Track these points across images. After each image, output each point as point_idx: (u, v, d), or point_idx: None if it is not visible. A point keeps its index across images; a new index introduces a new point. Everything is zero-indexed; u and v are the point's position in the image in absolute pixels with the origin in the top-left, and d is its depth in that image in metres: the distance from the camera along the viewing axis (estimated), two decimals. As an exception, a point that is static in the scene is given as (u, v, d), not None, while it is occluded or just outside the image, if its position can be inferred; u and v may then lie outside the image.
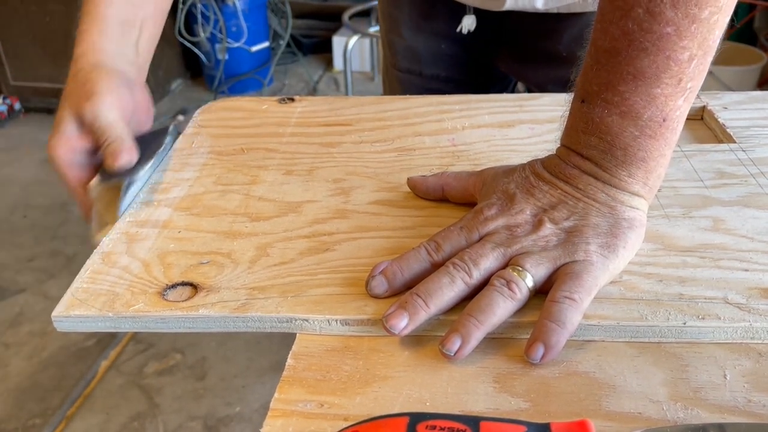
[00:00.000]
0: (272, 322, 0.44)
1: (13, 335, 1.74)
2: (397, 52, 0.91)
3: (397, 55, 0.92)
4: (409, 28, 0.88)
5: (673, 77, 0.42)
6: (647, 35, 0.41)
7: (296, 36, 3.15)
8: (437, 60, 0.89)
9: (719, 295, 0.43)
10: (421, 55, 0.89)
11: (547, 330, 0.40)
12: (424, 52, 0.89)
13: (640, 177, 0.45)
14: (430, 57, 0.89)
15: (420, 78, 0.91)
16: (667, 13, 0.40)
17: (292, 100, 0.72)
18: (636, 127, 0.43)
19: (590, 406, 0.37)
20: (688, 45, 0.41)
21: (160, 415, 1.51)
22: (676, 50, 0.41)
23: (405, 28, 0.89)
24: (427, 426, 0.33)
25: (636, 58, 0.42)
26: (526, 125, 0.65)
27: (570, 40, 0.79)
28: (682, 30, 0.41)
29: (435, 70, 0.90)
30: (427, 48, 0.88)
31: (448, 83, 0.90)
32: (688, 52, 0.41)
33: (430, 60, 0.89)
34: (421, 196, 0.55)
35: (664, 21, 0.40)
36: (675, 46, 0.41)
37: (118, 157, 0.56)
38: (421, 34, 0.88)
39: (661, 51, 0.41)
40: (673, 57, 0.41)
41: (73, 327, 0.45)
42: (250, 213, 0.54)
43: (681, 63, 0.42)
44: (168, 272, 0.47)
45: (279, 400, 0.39)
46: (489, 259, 0.43)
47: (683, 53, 0.41)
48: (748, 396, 0.38)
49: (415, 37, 0.88)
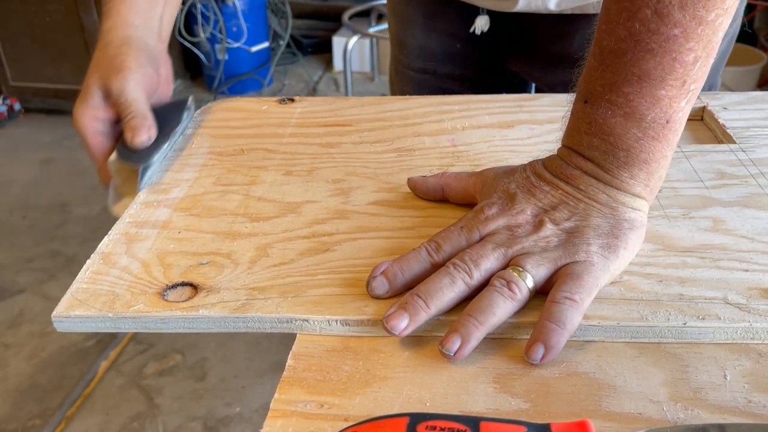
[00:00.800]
0: (272, 322, 0.44)
1: (13, 336, 1.74)
2: (410, 52, 0.90)
3: (410, 55, 0.91)
4: (422, 27, 0.88)
5: (677, 79, 0.42)
6: (654, 36, 0.41)
7: (296, 36, 3.15)
8: (451, 59, 0.88)
9: (719, 296, 0.43)
10: (435, 54, 0.88)
11: (547, 330, 0.40)
12: (438, 50, 0.88)
13: (642, 179, 0.45)
14: (445, 56, 0.88)
15: (434, 77, 0.90)
16: (675, 14, 0.40)
17: (292, 100, 0.72)
18: (639, 129, 0.43)
19: (590, 407, 0.37)
20: (694, 47, 0.41)
21: (160, 415, 1.51)
22: (682, 52, 0.41)
23: (418, 27, 0.88)
24: (427, 426, 0.33)
25: (642, 59, 0.42)
26: (526, 126, 0.65)
27: (582, 41, 0.79)
28: (689, 32, 0.41)
29: (449, 69, 0.89)
30: (440, 47, 0.88)
31: (462, 82, 0.89)
32: (694, 54, 0.41)
33: (445, 59, 0.88)
34: (421, 197, 0.55)
35: (672, 23, 0.40)
36: (681, 48, 0.41)
37: (138, 134, 0.59)
38: (434, 34, 0.87)
39: (667, 53, 0.41)
40: (679, 59, 0.41)
41: (73, 327, 0.45)
42: (249, 213, 0.54)
43: (686, 65, 0.42)
44: (168, 273, 0.47)
45: (279, 400, 0.39)
46: (489, 260, 0.43)
47: (689, 55, 0.41)
48: (749, 396, 0.38)
49: (428, 37, 0.88)
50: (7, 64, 2.82)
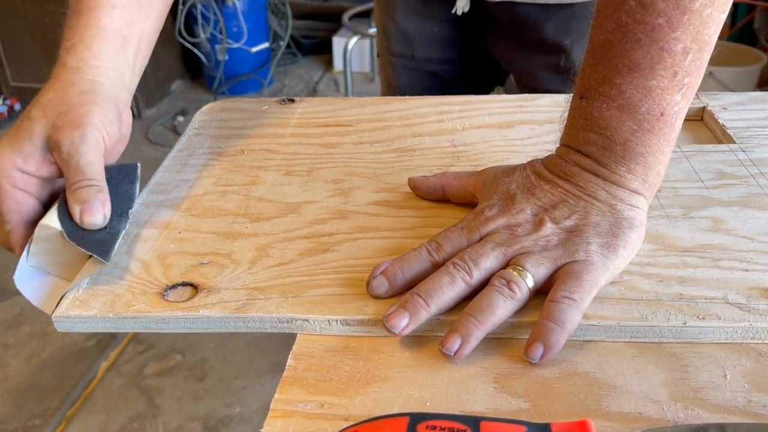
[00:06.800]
0: (272, 322, 0.44)
1: (13, 336, 1.74)
2: (390, 36, 0.93)
3: (390, 39, 0.93)
4: (402, 11, 0.90)
5: (667, 69, 0.43)
6: (640, 26, 0.42)
7: (296, 37, 3.15)
8: (430, 43, 0.91)
9: (719, 295, 0.43)
10: (413, 39, 0.91)
11: (546, 330, 0.40)
12: (416, 35, 0.91)
13: (640, 173, 0.45)
14: (423, 40, 0.91)
15: (412, 61, 0.93)
16: (659, 4, 0.42)
17: (292, 101, 0.72)
18: (634, 121, 0.44)
19: (590, 406, 0.37)
20: (680, 36, 0.42)
21: (160, 416, 1.50)
22: (669, 41, 0.42)
23: (398, 11, 0.91)
24: (428, 426, 0.33)
25: (630, 50, 0.43)
26: (526, 126, 0.65)
27: (556, 28, 0.82)
28: (674, 21, 0.42)
29: (427, 53, 0.92)
30: (419, 31, 0.90)
31: (441, 65, 0.92)
32: (682, 44, 0.42)
33: (423, 43, 0.91)
34: (422, 197, 0.55)
35: (656, 12, 0.42)
36: (667, 37, 0.42)
37: (90, 212, 0.48)
38: (414, 17, 0.90)
39: (654, 42, 0.42)
40: (667, 48, 0.42)
41: (74, 327, 0.45)
42: (250, 214, 0.54)
43: (675, 55, 0.42)
44: (168, 273, 0.47)
45: (279, 400, 0.39)
46: (489, 259, 0.43)
47: (676, 45, 0.42)
48: (749, 396, 0.38)
49: (408, 21, 0.90)
50: (7, 64, 2.82)
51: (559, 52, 0.84)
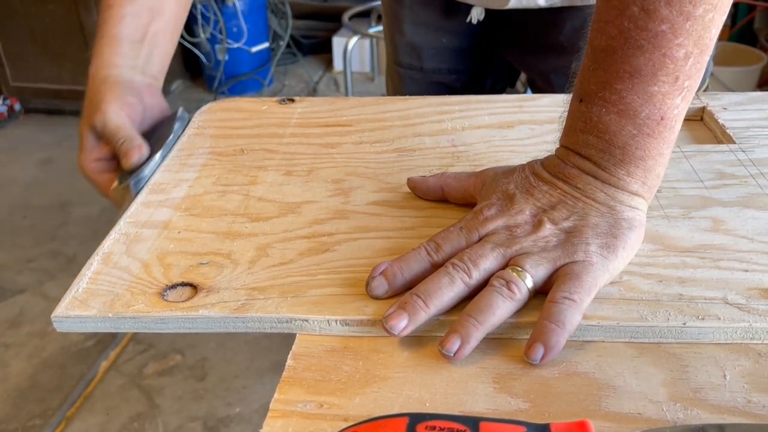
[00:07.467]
0: (272, 322, 0.44)
1: (13, 336, 1.74)
2: (398, 48, 0.93)
3: (398, 51, 0.93)
4: (410, 22, 0.90)
5: (669, 75, 0.42)
6: (642, 33, 0.42)
7: (296, 36, 3.15)
8: (438, 54, 0.90)
9: (719, 296, 0.43)
10: (421, 50, 0.91)
11: (546, 330, 0.40)
12: (424, 46, 0.90)
13: (639, 176, 0.45)
14: (431, 51, 0.90)
15: (421, 73, 0.92)
16: (662, 11, 0.41)
17: (292, 100, 0.72)
18: (634, 126, 0.44)
19: (590, 407, 0.37)
20: (683, 42, 0.41)
21: (160, 415, 1.51)
22: (671, 48, 0.42)
23: (406, 23, 0.90)
24: (427, 426, 0.33)
25: (632, 56, 0.42)
26: (526, 126, 0.65)
27: (571, 31, 0.81)
28: (677, 27, 0.41)
29: (436, 64, 0.91)
30: (427, 42, 0.90)
31: (450, 74, 0.92)
32: (684, 49, 0.42)
33: (431, 54, 0.91)
34: (421, 197, 0.55)
35: (659, 19, 0.41)
36: (670, 43, 0.41)
37: (129, 156, 0.60)
38: (422, 28, 0.89)
39: (656, 48, 0.42)
40: (669, 54, 0.42)
41: (73, 327, 0.45)
42: (249, 213, 0.54)
43: (677, 60, 0.42)
44: (168, 273, 0.47)
45: (279, 400, 0.39)
46: (488, 260, 0.43)
47: (679, 51, 0.42)
48: (748, 396, 0.38)
49: (416, 32, 0.90)
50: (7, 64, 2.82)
51: (575, 54, 0.83)
